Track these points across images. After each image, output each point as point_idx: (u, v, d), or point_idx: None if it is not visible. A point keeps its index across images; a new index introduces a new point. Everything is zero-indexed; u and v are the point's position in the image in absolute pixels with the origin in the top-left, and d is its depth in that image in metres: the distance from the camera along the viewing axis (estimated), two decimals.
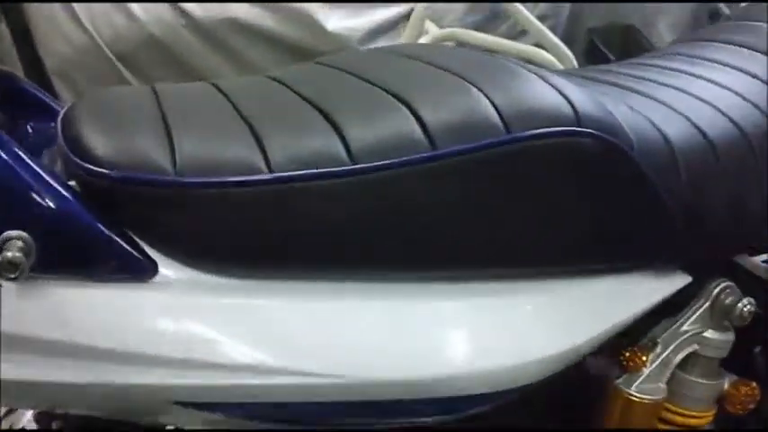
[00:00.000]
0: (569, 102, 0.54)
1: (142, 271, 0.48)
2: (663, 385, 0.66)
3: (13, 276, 0.43)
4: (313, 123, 0.52)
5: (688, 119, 0.65)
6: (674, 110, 0.67)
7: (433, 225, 0.51)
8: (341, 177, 0.49)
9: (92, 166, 0.47)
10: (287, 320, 0.49)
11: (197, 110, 0.55)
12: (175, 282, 0.49)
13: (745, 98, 0.68)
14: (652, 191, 0.55)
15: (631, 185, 0.55)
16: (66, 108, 0.56)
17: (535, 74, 0.58)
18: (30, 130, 0.66)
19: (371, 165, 0.49)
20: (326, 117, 0.53)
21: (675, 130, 0.62)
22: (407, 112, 0.52)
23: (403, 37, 1.55)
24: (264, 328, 0.48)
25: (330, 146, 0.50)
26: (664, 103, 0.68)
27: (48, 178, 0.47)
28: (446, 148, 0.50)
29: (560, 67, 1.58)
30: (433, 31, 1.59)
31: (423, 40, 1.62)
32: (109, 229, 0.47)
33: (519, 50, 1.65)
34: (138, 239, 0.48)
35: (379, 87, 0.56)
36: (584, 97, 0.55)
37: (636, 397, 0.65)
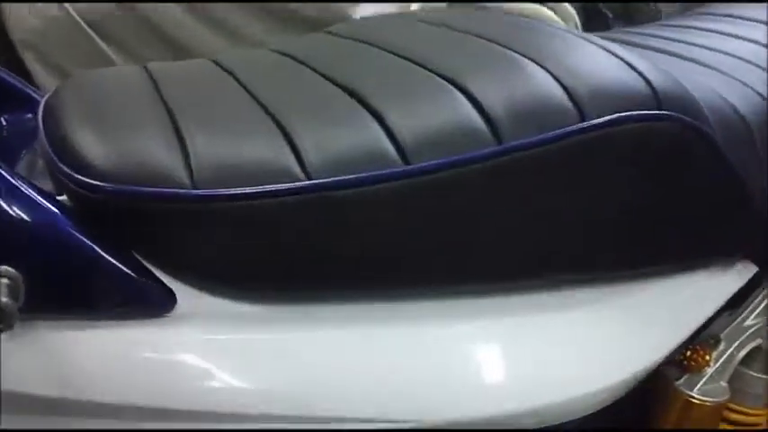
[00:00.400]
0: (645, 78, 0.46)
1: (157, 303, 0.39)
2: (725, 384, 0.60)
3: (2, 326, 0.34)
4: (349, 113, 0.43)
5: (746, 85, 0.58)
6: (730, 76, 0.60)
7: (495, 229, 0.44)
8: (395, 180, 0.40)
9: (88, 179, 0.38)
10: (345, 359, 0.41)
11: (207, 98, 0.46)
12: (199, 314, 0.40)
13: None
14: (733, 176, 0.48)
15: (713, 172, 0.48)
16: (46, 97, 0.46)
17: (595, 44, 0.50)
18: (3, 123, 0.56)
19: (430, 164, 0.41)
20: (364, 104, 0.44)
21: (742, 100, 0.56)
22: (463, 98, 0.43)
23: None
24: (319, 373, 0.41)
25: (376, 142, 0.41)
26: (716, 69, 0.61)
27: (33, 195, 0.37)
28: (514, 140, 0.42)
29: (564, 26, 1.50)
30: None
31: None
32: (113, 254, 0.38)
33: (521, 8, 1.55)
34: (149, 265, 0.40)
35: (421, 66, 0.47)
36: (657, 71, 0.48)
37: (699, 399, 0.59)
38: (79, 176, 0.38)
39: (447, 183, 0.41)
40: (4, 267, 0.36)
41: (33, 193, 0.37)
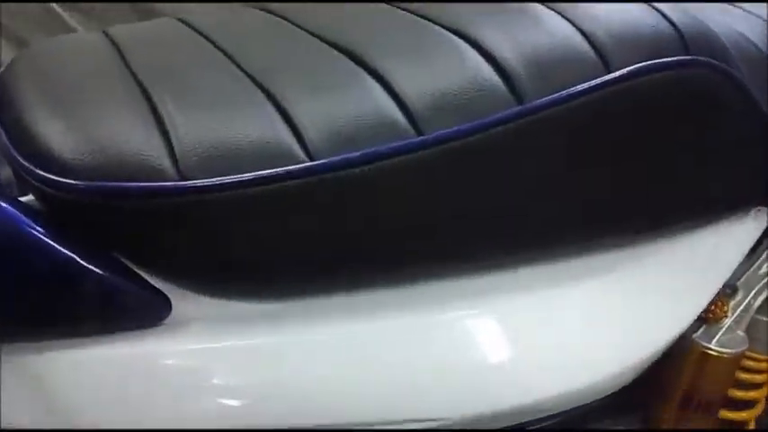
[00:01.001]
0: (669, 20, 0.42)
1: (151, 311, 0.35)
2: (743, 334, 0.59)
3: None
4: (348, 76, 0.38)
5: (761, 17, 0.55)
6: (748, 11, 0.56)
7: (522, 194, 0.40)
8: (407, 154, 0.36)
9: (56, 177, 0.32)
10: (360, 355, 0.37)
11: (182, 67, 0.40)
12: (198, 319, 0.36)
13: None
14: (762, 118, 0.45)
15: (743, 116, 0.44)
16: None
17: None
18: None
19: (446, 132, 0.36)
20: (364, 65, 0.39)
21: (762, 36, 0.52)
22: (476, 54, 0.39)
23: None
24: (333, 373, 0.37)
25: (382, 110, 0.36)
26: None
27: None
28: (535, 97, 0.38)
29: None
30: None
31: None
32: (93, 260, 0.33)
33: None
34: (137, 269, 0.35)
35: (427, 19, 0.42)
36: (679, 12, 0.43)
37: (717, 351, 0.57)
38: (45, 174, 0.32)
39: (465, 151, 0.37)
40: None
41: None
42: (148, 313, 0.34)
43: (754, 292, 0.58)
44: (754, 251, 0.59)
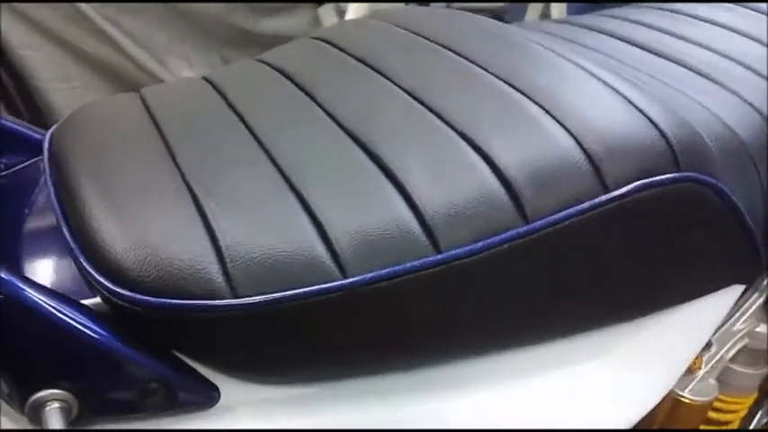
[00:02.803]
0: (661, 131, 0.46)
1: (203, 398, 0.41)
2: (714, 382, 0.65)
3: None
4: (370, 182, 0.43)
5: (744, 101, 0.59)
6: (728, 89, 0.60)
7: (521, 302, 0.45)
8: (427, 269, 0.41)
9: (123, 291, 0.38)
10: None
11: (221, 161, 0.45)
12: (244, 403, 0.42)
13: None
14: (743, 223, 0.50)
15: (726, 223, 0.49)
16: (48, 152, 0.46)
17: (595, 77, 0.49)
18: (2, 166, 0.54)
19: (459, 251, 0.41)
20: (384, 169, 0.44)
21: (741, 120, 0.57)
22: (485, 165, 0.43)
23: None
24: None
25: (405, 225, 0.42)
26: (712, 80, 0.61)
27: (69, 315, 0.37)
28: (539, 217, 0.43)
29: None
30: None
31: None
32: (154, 358, 0.39)
33: None
34: (192, 363, 0.41)
35: (441, 118, 0.47)
36: (673, 121, 0.48)
37: (689, 399, 0.64)
38: (115, 288, 0.38)
39: (475, 266, 0.42)
40: (54, 391, 0.36)
41: (70, 311, 0.38)
42: (201, 399, 0.41)
43: (727, 346, 0.65)
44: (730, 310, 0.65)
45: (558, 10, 1.48)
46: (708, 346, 0.64)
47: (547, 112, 0.46)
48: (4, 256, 0.44)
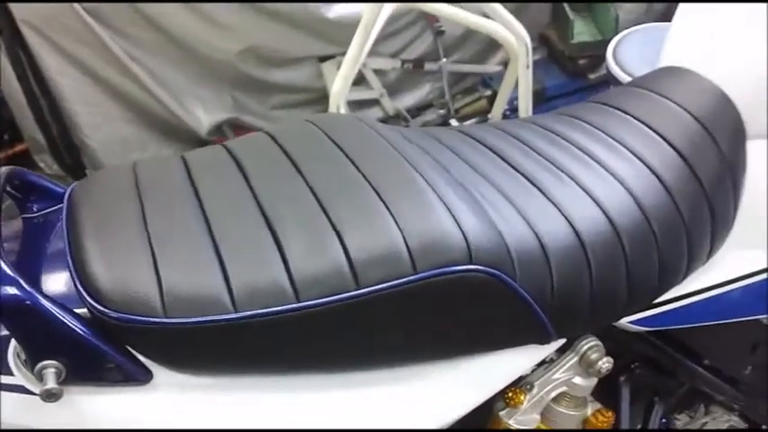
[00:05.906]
0: (464, 235, 0.69)
1: (142, 377, 0.66)
2: (537, 416, 0.87)
3: (53, 401, 0.61)
4: (266, 246, 0.68)
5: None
6: (552, 202, 0.81)
7: (357, 342, 0.70)
8: (288, 313, 0.65)
9: (98, 306, 0.63)
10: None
11: (178, 236, 0.70)
12: (168, 384, 0.67)
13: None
14: (528, 305, 0.72)
15: (511, 304, 0.72)
16: (68, 206, 0.72)
17: (435, 194, 0.72)
18: (35, 210, 0.81)
19: (313, 303, 0.65)
20: (275, 238, 0.68)
21: (550, 228, 0.77)
22: (340, 248, 0.67)
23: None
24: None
25: (277, 278, 0.65)
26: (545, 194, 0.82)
27: (71, 324, 0.63)
28: (368, 285, 0.66)
29: (514, 44, 1.67)
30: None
31: (385, 9, 1.68)
32: (115, 348, 0.65)
33: (479, 25, 1.73)
34: (137, 354, 0.66)
35: (324, 211, 0.71)
36: (476, 225, 0.70)
37: (513, 427, 0.86)
38: (95, 304, 0.63)
39: (328, 314, 0.66)
40: (52, 361, 0.62)
41: (66, 315, 0.63)
42: (140, 378, 0.66)
43: (547, 389, 0.87)
44: (552, 362, 0.87)
45: (524, 105, 1.69)
46: (531, 387, 0.86)
47: (390, 212, 0.70)
48: (30, 274, 0.69)
